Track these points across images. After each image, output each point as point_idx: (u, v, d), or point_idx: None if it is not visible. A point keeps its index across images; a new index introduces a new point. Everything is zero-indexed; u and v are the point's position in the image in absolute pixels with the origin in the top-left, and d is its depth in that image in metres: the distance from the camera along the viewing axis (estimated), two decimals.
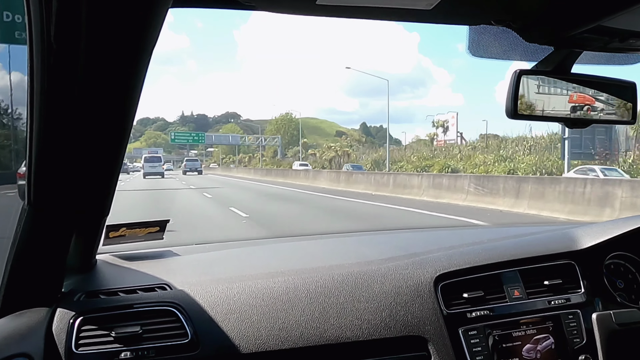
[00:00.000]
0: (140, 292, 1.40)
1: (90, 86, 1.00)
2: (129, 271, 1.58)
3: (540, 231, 2.02)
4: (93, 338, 1.26)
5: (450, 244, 1.82)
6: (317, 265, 1.58)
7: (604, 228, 1.80)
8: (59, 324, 1.25)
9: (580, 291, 1.66)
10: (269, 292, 1.42)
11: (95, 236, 1.42)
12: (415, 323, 1.44)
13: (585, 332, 1.59)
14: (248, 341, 1.31)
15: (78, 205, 1.20)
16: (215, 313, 1.35)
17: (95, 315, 1.30)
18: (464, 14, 1.13)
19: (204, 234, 9.20)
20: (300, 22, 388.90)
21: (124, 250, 1.72)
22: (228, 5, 1.04)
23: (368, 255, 1.69)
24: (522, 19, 1.12)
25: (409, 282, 1.51)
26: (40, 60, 0.94)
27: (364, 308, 1.42)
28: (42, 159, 1.08)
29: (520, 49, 1.28)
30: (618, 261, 1.79)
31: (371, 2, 1.01)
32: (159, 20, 0.94)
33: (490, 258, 1.64)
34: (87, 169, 1.14)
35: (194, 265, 1.69)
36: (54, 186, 1.14)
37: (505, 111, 1.22)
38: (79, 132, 1.06)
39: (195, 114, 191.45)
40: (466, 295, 1.54)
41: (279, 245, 2.11)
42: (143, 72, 1.02)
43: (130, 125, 1.12)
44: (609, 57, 1.34)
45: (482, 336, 1.50)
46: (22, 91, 1.60)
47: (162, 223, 1.74)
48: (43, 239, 1.23)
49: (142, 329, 1.28)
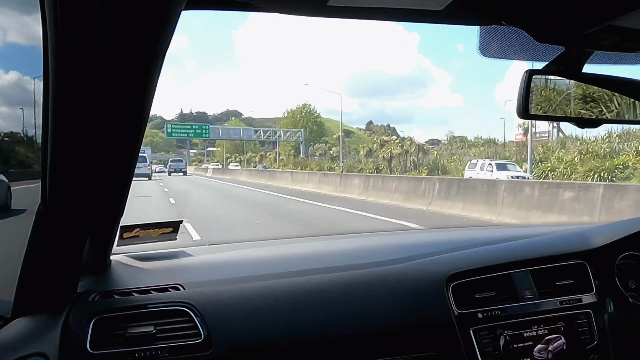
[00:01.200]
0: (154, 292, 1.41)
1: (104, 88, 1.01)
2: (143, 271, 1.59)
3: (552, 231, 2.02)
4: (107, 338, 1.27)
5: (461, 244, 1.82)
6: (330, 266, 1.58)
7: (615, 228, 1.80)
8: (74, 324, 1.27)
9: (592, 291, 1.65)
10: (282, 292, 1.42)
11: (109, 237, 1.43)
12: (426, 323, 1.44)
13: (597, 333, 1.58)
14: (261, 341, 1.32)
15: (93, 206, 1.22)
16: (228, 313, 1.35)
17: (109, 315, 1.31)
18: (475, 14, 1.13)
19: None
20: (300, 22, 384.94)
21: (138, 251, 1.74)
22: (240, 8, 1.05)
23: (380, 255, 1.69)
24: (533, 19, 1.12)
25: (420, 282, 1.51)
26: (55, 62, 0.96)
27: (375, 308, 1.43)
28: (57, 160, 1.09)
29: (532, 49, 1.27)
30: (630, 261, 1.78)
31: (382, 2, 1.02)
32: (172, 22, 0.95)
33: (501, 258, 1.64)
34: (101, 170, 1.16)
35: (207, 265, 1.70)
36: (69, 187, 1.15)
37: (516, 111, 1.22)
38: (93, 133, 1.07)
39: (194, 112, 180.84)
40: (478, 295, 1.54)
41: (292, 246, 2.12)
42: (157, 74, 1.03)
43: (144, 126, 1.13)
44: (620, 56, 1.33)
45: (493, 336, 1.49)
46: (23, 91, 1.62)
47: (175, 224, 1.75)
48: (58, 240, 1.24)
49: (156, 329, 1.30)
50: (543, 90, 1.22)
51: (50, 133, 1.05)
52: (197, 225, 9.45)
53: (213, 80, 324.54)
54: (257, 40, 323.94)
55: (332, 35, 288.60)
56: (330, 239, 2.31)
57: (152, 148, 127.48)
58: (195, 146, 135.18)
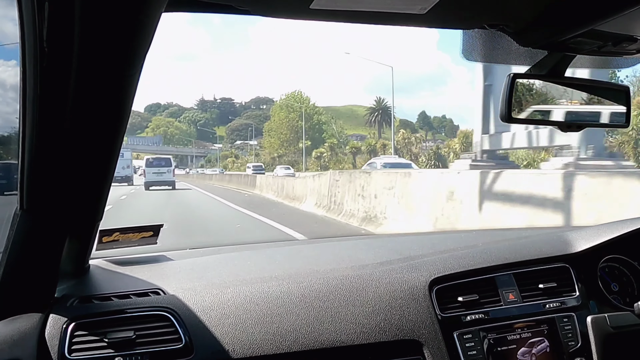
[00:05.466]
0: (134, 297, 1.39)
1: (82, 90, 0.99)
2: (122, 276, 1.57)
3: (535, 234, 2.03)
4: (86, 343, 1.25)
5: (445, 247, 1.82)
6: (311, 270, 1.57)
7: (598, 231, 1.81)
8: (51, 330, 1.25)
9: (575, 294, 1.66)
10: (263, 296, 1.41)
11: (88, 241, 1.41)
12: (410, 327, 1.44)
13: (580, 335, 1.59)
14: (242, 346, 1.30)
15: (71, 210, 1.20)
16: (209, 318, 1.34)
17: (88, 320, 1.29)
18: (458, 18, 1.14)
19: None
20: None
21: (117, 255, 1.71)
22: (222, 10, 1.04)
23: (362, 259, 1.68)
24: (516, 23, 1.12)
25: (403, 286, 1.51)
26: (33, 64, 0.94)
27: (358, 312, 1.42)
28: (35, 162, 1.08)
29: (514, 53, 1.28)
30: (612, 264, 1.80)
31: (365, 6, 1.02)
32: (152, 25, 0.94)
33: (485, 261, 1.64)
34: (80, 173, 1.14)
35: (188, 270, 1.68)
36: (47, 190, 1.14)
37: (500, 115, 1.23)
38: (71, 136, 1.06)
39: (217, 98, 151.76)
40: (461, 298, 1.54)
41: (273, 250, 2.10)
42: (136, 77, 1.02)
43: (124, 129, 1.12)
44: (602, 60, 1.35)
45: (477, 340, 1.49)
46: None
47: (155, 228, 1.73)
48: (36, 244, 1.22)
49: (136, 334, 1.28)
50: (526, 94, 1.23)
51: (28, 135, 1.04)
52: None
53: (236, 62, 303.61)
54: (274, 32, 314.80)
55: (351, 32, 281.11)
56: (313, 243, 2.30)
57: (165, 140, 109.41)
58: (221, 139, 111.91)
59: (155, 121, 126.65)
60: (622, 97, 1.31)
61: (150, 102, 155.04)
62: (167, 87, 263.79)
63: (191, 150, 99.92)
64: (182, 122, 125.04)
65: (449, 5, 1.01)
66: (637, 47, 1.15)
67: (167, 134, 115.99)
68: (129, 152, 44.61)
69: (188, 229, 10.65)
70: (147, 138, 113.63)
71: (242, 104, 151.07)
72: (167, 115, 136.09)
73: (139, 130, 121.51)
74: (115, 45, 0.95)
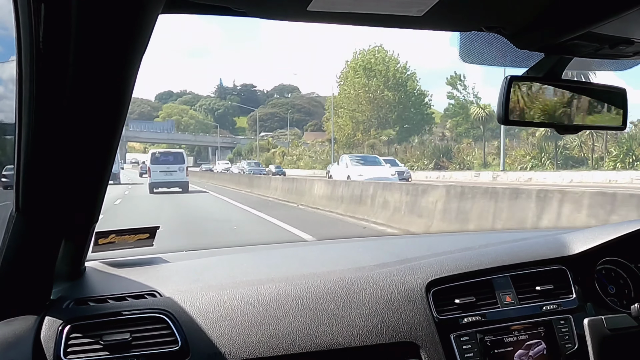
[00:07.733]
0: (130, 299, 1.39)
1: (79, 91, 0.99)
2: (118, 278, 1.56)
3: (532, 237, 2.03)
4: (82, 346, 1.25)
5: (442, 249, 1.81)
6: (308, 272, 1.57)
7: (595, 233, 1.81)
8: (47, 332, 1.24)
9: (572, 296, 1.66)
10: (259, 298, 1.41)
11: (84, 243, 1.40)
12: (407, 329, 1.43)
13: (577, 338, 1.59)
14: (239, 348, 1.30)
15: (67, 212, 1.20)
16: (205, 320, 1.33)
17: (84, 322, 1.28)
18: (455, 21, 1.14)
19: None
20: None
21: (113, 257, 1.71)
22: (219, 12, 1.04)
23: (359, 261, 1.68)
24: (513, 26, 1.12)
25: (400, 288, 1.50)
26: (29, 65, 0.94)
27: (355, 314, 1.42)
28: (31, 164, 1.08)
29: (511, 55, 1.28)
30: (609, 266, 1.80)
31: (362, 8, 1.01)
32: (149, 26, 0.94)
33: (482, 264, 1.64)
34: (76, 175, 1.14)
35: (184, 272, 1.67)
36: (43, 192, 1.13)
37: (497, 117, 1.23)
38: (67, 137, 1.06)
39: (238, 85, 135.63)
40: (458, 301, 1.54)
41: (270, 252, 2.10)
42: (132, 78, 1.02)
43: (120, 130, 1.12)
44: (599, 63, 1.35)
45: (474, 342, 1.49)
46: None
47: (151, 230, 1.72)
48: (32, 246, 1.21)
49: (132, 336, 1.27)
50: (523, 97, 1.23)
51: (24, 136, 1.03)
52: None
53: (256, 49, 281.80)
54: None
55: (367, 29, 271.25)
56: (309, 245, 2.30)
57: (178, 129, 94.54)
58: (242, 131, 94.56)
59: (167, 109, 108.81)
60: (619, 99, 1.31)
61: (161, 90, 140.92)
62: (180, 77, 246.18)
63: (214, 139, 73.02)
64: (198, 110, 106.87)
65: (446, 8, 1.01)
66: (634, 50, 1.15)
67: (180, 123, 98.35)
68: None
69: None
70: (155, 123, 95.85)
71: (264, 92, 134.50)
72: (180, 102, 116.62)
73: (148, 121, 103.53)
74: (112, 47, 0.95)
